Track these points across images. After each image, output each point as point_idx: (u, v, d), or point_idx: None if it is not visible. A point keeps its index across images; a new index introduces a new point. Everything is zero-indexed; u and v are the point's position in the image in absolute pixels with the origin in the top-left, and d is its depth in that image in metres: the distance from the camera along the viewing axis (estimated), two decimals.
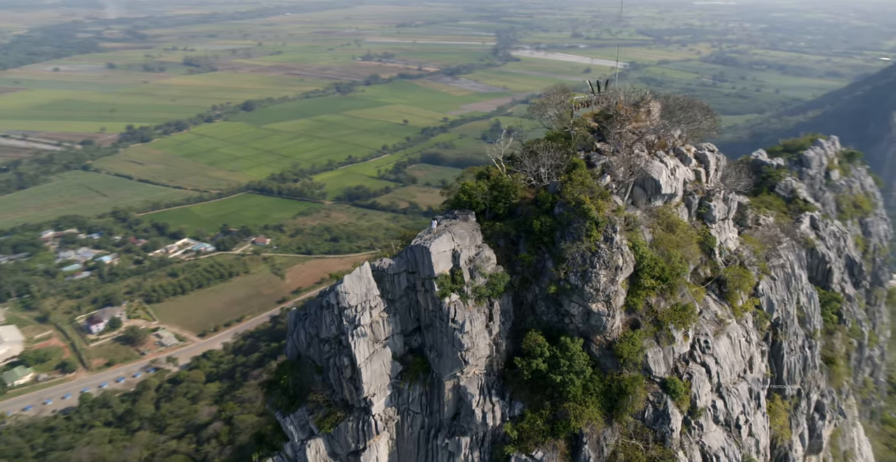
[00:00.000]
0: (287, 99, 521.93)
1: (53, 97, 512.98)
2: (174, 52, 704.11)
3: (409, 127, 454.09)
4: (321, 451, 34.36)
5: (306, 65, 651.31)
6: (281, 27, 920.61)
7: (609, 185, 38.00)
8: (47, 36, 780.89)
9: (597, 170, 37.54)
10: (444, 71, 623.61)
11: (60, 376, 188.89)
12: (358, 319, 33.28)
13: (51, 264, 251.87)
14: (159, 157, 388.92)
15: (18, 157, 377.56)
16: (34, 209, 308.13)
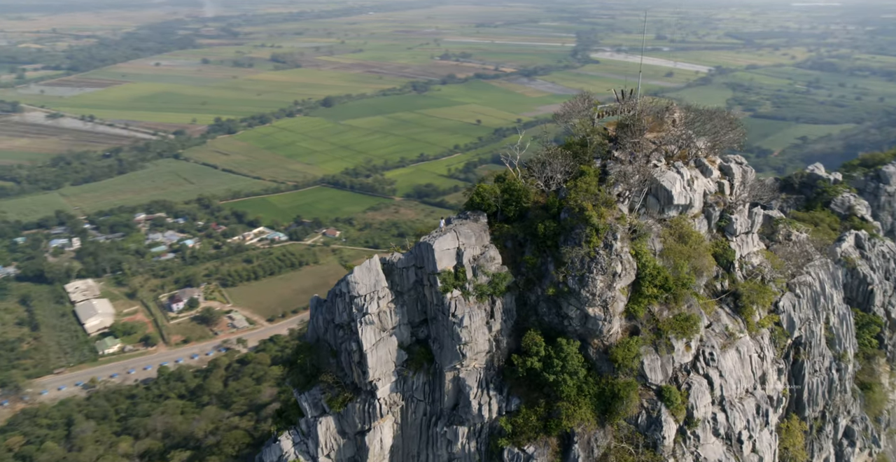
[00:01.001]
0: (365, 96, 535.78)
1: (153, 90, 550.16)
2: (263, 48, 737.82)
3: (481, 127, 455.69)
4: (331, 428, 37.06)
5: (385, 63, 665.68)
6: (363, 26, 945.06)
7: (622, 193, 38.35)
8: (152, 33, 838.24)
9: (611, 178, 37.89)
10: (520, 72, 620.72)
11: (143, 349, 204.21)
12: (366, 308, 35.71)
13: (141, 245, 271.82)
14: (242, 148, 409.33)
15: (120, 144, 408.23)
16: (131, 193, 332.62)
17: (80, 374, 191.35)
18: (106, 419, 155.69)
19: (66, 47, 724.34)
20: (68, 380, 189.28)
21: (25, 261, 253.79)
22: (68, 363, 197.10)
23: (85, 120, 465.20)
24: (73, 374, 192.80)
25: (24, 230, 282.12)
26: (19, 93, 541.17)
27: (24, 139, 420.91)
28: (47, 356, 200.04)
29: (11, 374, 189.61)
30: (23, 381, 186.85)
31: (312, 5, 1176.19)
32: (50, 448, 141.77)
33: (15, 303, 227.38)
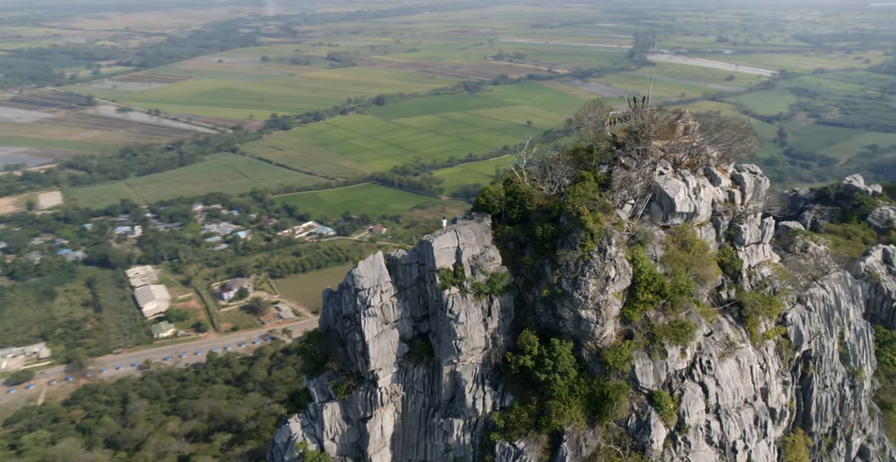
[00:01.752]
0: (417, 95, 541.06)
1: (215, 86, 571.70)
2: (320, 47, 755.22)
3: (531, 128, 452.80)
4: (336, 413, 39.25)
5: (439, 62, 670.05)
6: (419, 25, 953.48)
7: (626, 199, 38.71)
8: (216, 31, 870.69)
9: (615, 184, 38.26)
10: (574, 73, 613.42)
11: (195, 334, 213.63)
12: (369, 301, 37.73)
13: (197, 235, 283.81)
14: (296, 144, 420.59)
15: (182, 138, 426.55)
16: (190, 185, 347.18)
17: (136, 355, 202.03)
18: (157, 399, 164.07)
19: (137, 45, 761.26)
20: (125, 360, 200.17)
21: (92, 246, 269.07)
22: (126, 344, 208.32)
23: (151, 114, 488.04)
24: (130, 354, 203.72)
25: (92, 217, 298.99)
26: (94, 87, 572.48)
27: (97, 131, 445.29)
28: (108, 337, 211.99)
29: (76, 351, 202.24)
30: (86, 358, 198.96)
31: (369, 5, 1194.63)
32: (107, 422, 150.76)
33: (82, 285, 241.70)
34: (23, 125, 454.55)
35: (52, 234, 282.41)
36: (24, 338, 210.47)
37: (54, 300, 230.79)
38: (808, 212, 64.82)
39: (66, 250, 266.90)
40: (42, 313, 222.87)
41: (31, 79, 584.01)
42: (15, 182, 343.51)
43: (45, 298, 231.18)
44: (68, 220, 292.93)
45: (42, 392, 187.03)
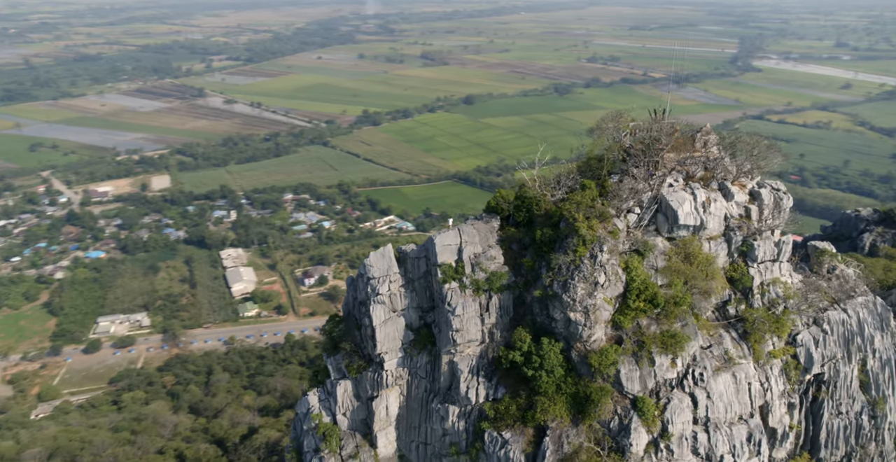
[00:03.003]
0: (506, 96, 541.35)
1: (313, 81, 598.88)
2: (414, 45, 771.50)
3: None
4: (348, 390, 42.57)
5: (530, 63, 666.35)
6: (513, 25, 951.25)
7: (632, 209, 39.16)
8: (318, 29, 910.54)
9: (622, 193, 38.78)
10: (670, 78, 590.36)
11: (276, 316, 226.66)
12: (378, 289, 40.73)
13: (285, 222, 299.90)
14: (384, 140, 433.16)
15: (279, 129, 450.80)
16: (283, 174, 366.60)
17: (222, 331, 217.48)
18: (237, 373, 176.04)
19: (246, 41, 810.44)
20: (213, 334, 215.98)
21: (192, 227, 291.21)
22: (215, 320, 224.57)
23: (253, 106, 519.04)
24: (218, 330, 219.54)
25: (194, 200, 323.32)
26: (206, 80, 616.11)
27: (204, 121, 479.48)
28: (200, 312, 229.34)
29: (172, 322, 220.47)
30: (179, 330, 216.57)
31: (466, 4, 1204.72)
32: (192, 390, 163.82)
33: (181, 262, 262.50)
34: (144, 114, 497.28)
35: (159, 214, 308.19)
36: (129, 306, 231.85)
37: (157, 274, 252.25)
38: (868, 234, 60.99)
39: (170, 230, 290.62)
40: (146, 285, 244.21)
41: (153, 71, 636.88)
42: (133, 165, 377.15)
43: (149, 272, 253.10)
44: (174, 202, 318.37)
45: (141, 357, 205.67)
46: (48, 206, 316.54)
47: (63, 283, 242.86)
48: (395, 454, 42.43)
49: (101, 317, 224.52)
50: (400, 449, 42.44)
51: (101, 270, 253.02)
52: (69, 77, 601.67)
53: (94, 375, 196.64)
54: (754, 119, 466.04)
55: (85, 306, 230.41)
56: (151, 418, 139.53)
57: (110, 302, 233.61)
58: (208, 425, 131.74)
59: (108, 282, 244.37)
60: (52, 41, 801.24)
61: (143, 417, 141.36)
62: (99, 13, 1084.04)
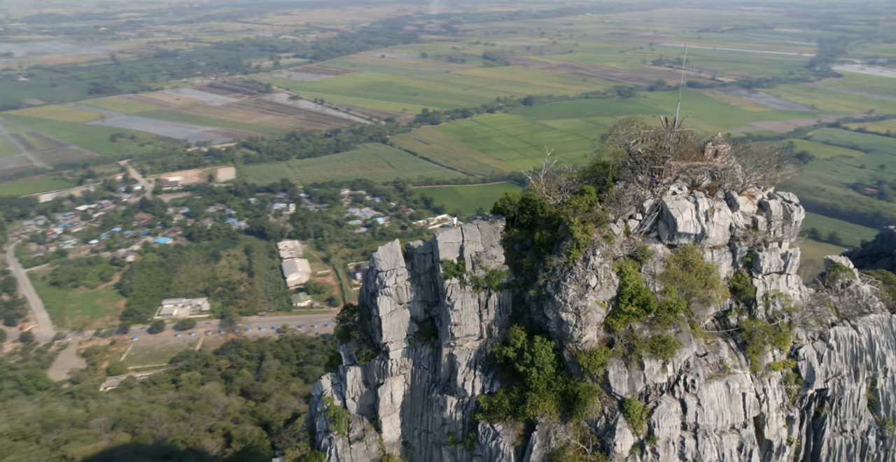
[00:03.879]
0: (566, 98, 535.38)
1: (375, 79, 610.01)
2: (477, 45, 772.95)
3: None
4: (357, 376, 44.84)
5: (593, 65, 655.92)
6: (578, 26, 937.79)
7: (633, 215, 39.68)
8: (383, 28, 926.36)
9: (624, 199, 39.26)
10: (740, 82, 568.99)
11: (327, 308, 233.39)
12: (385, 281, 42.84)
13: (341, 217, 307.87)
14: (442, 139, 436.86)
15: (340, 126, 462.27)
16: (341, 170, 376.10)
17: (276, 319, 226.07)
18: (288, 361, 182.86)
19: (313, 39, 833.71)
20: (267, 322, 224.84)
21: (253, 218, 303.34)
22: (269, 308, 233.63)
23: (317, 103, 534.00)
24: (271, 318, 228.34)
25: (256, 192, 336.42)
26: (273, 76, 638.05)
27: (270, 116, 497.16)
28: (255, 300, 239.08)
29: (230, 309, 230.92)
30: (236, 316, 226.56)
31: (531, 5, 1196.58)
32: (244, 374, 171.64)
33: (241, 251, 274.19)
34: (214, 108, 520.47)
35: (223, 204, 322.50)
36: (191, 291, 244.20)
37: (218, 262, 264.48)
38: None
39: (233, 220, 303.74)
40: (207, 272, 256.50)
41: (225, 67, 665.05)
42: (202, 157, 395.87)
43: (211, 260, 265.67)
44: (237, 194, 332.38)
45: (200, 340, 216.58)
46: (124, 193, 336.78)
47: (133, 266, 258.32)
48: (400, 440, 44.49)
49: (166, 299, 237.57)
50: (404, 435, 44.47)
51: (168, 256, 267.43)
52: (149, 72, 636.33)
53: (156, 354, 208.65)
54: (830, 127, 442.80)
55: (152, 289, 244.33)
56: (205, 398, 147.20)
57: (174, 286, 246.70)
58: (256, 408, 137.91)
59: (174, 267, 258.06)
60: (137, 38, 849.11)
61: (198, 397, 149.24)
62: (179, 11, 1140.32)
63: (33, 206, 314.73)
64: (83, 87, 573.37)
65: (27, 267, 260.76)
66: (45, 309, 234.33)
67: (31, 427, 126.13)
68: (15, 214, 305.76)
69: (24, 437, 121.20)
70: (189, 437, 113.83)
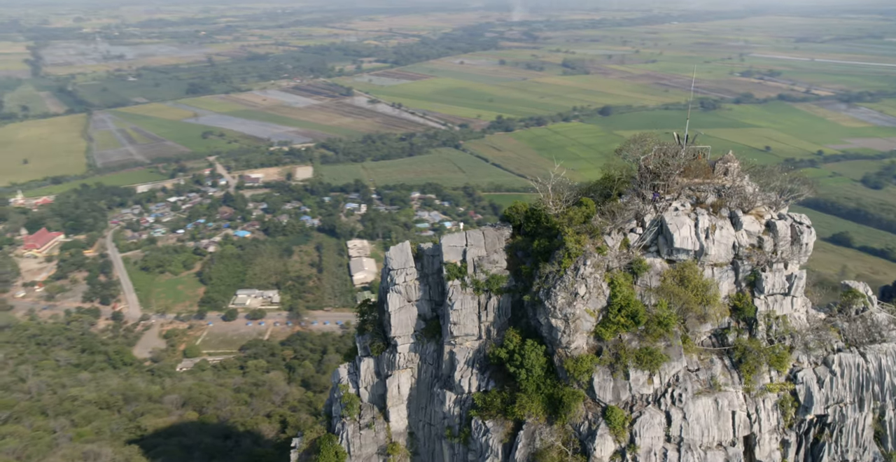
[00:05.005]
0: (645, 108, 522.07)
1: (452, 85, 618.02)
2: (557, 53, 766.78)
3: (769, 155, 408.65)
4: (370, 367, 47.77)
5: (676, 75, 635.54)
6: (663, 35, 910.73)
7: (634, 229, 40.12)
8: (463, 34, 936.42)
9: (623, 212, 39.73)
10: (838, 96, 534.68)
11: None
12: (395, 279, 45.66)
13: (410, 219, 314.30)
14: (514, 146, 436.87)
15: (415, 130, 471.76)
16: (413, 173, 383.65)
17: (340, 315, 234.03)
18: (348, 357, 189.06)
19: (395, 44, 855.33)
20: (332, 317, 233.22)
21: (326, 216, 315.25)
22: (335, 304, 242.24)
23: (394, 107, 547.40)
24: (336, 313, 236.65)
25: (330, 191, 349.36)
26: (354, 80, 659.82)
27: (349, 118, 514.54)
28: (323, 295, 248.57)
29: (298, 302, 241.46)
30: (303, 310, 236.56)
31: (615, 13, 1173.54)
32: (306, 366, 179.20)
33: (312, 248, 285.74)
34: (297, 109, 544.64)
35: (299, 201, 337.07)
36: (264, 283, 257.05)
37: (290, 257, 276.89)
38: None
39: (307, 217, 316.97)
40: (280, 266, 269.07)
41: (310, 70, 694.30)
42: (282, 156, 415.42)
43: (284, 254, 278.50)
44: (313, 192, 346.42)
45: (268, 330, 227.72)
46: (210, 187, 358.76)
47: (214, 256, 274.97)
48: (406, 430, 46.80)
49: (240, 290, 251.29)
50: (410, 426, 46.74)
51: (245, 248, 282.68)
52: (240, 74, 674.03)
53: (228, 341, 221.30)
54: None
55: (228, 279, 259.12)
56: (268, 385, 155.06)
57: (249, 277, 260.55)
58: (314, 399, 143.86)
59: (250, 259, 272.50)
60: (232, 42, 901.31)
61: (261, 384, 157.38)
62: (272, 17, 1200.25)
63: (131, 195, 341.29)
64: (182, 86, 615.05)
65: (122, 251, 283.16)
66: (134, 291, 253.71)
67: (115, 398, 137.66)
68: (115, 203, 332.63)
69: (108, 407, 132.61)
70: (248, 421, 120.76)
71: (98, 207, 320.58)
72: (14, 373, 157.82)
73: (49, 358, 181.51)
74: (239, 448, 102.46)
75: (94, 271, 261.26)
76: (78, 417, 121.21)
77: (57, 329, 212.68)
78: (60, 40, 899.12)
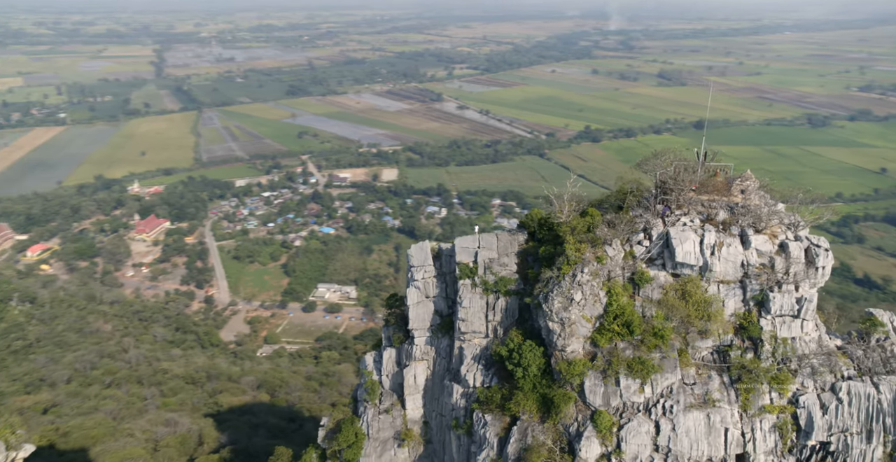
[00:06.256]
0: (745, 123, 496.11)
1: (542, 93, 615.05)
2: (653, 63, 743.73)
3: (885, 177, 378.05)
4: (392, 357, 50.73)
5: (782, 89, 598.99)
6: (772, 46, 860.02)
7: (642, 241, 40.59)
8: (557, 43, 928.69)
9: (631, 225, 40.54)
10: None
11: None
12: (414, 275, 48.34)
13: (489, 225, 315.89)
14: (600, 157, 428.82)
15: (500, 137, 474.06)
16: (495, 180, 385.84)
17: None
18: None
19: (487, 51, 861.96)
20: None
21: (407, 218, 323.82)
22: None
23: (482, 113, 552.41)
24: None
25: (413, 194, 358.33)
26: (445, 86, 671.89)
27: (436, 123, 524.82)
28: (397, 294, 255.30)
29: (373, 299, 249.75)
30: (378, 307, 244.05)
31: (720, 22, 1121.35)
32: None
33: (391, 248, 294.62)
34: (388, 113, 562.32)
35: (382, 202, 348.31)
36: (343, 279, 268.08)
37: (370, 255, 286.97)
38: None
39: (388, 218, 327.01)
40: (359, 263, 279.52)
41: (403, 76, 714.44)
42: (370, 157, 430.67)
43: (364, 252, 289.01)
44: (396, 194, 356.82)
45: (344, 324, 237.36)
46: (301, 184, 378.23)
47: (299, 250, 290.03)
48: (421, 419, 49.33)
49: (321, 283, 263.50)
50: (425, 415, 49.21)
51: (328, 244, 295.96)
52: (337, 77, 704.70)
53: (306, 331, 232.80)
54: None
55: (310, 272, 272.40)
56: (337, 376, 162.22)
57: (329, 272, 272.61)
58: None
59: (331, 255, 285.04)
60: (332, 47, 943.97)
61: (331, 374, 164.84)
62: (371, 23, 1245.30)
63: (230, 189, 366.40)
64: (283, 88, 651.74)
65: (218, 240, 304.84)
66: (226, 278, 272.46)
67: (199, 374, 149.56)
68: (216, 195, 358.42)
69: (192, 382, 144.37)
70: (314, 407, 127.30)
71: (200, 198, 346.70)
72: (119, 344, 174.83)
73: (148, 333, 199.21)
74: (301, 431, 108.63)
75: (192, 257, 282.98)
76: (166, 389, 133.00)
77: (157, 307, 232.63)
78: (181, 44, 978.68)
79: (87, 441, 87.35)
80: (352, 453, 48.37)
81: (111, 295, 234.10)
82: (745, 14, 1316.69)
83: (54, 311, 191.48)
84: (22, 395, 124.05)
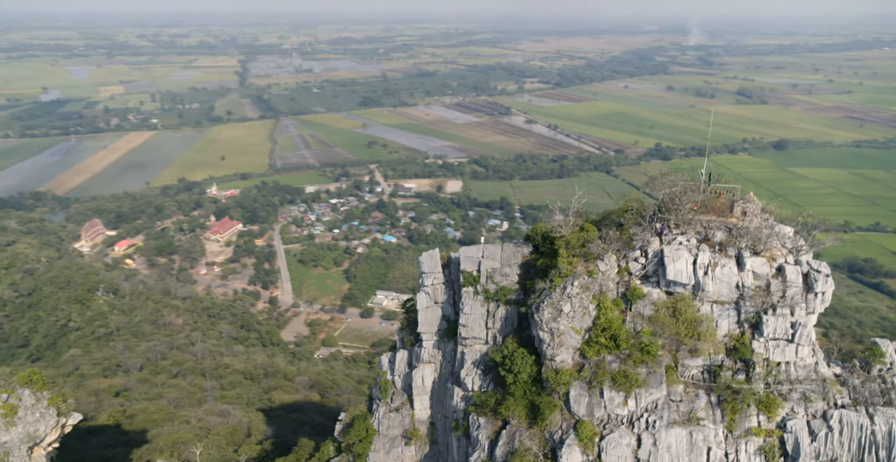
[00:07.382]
0: (830, 144, 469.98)
1: (613, 109, 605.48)
2: (732, 80, 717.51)
3: None
4: (404, 358, 52.91)
5: (876, 109, 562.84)
6: (867, 63, 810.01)
7: (638, 258, 40.78)
8: (632, 58, 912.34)
9: (635, 243, 40.53)
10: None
11: None
12: (424, 282, 50.64)
13: None
14: None
15: (567, 153, 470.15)
16: (559, 195, 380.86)
17: None
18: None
19: (560, 66, 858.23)
20: None
21: (468, 230, 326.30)
22: None
23: (550, 128, 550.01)
24: None
25: (476, 206, 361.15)
26: (514, 100, 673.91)
27: (503, 137, 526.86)
28: None
29: None
30: None
31: (809, 38, 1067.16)
32: None
33: None
34: (456, 125, 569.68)
35: (445, 213, 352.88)
36: (401, 287, 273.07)
37: None
38: None
39: (449, 229, 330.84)
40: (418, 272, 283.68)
41: (473, 89, 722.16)
42: (435, 168, 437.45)
43: None
44: (459, 206, 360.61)
45: None
46: (367, 193, 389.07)
47: (361, 256, 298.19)
48: (428, 419, 51.23)
49: (380, 290, 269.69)
50: (432, 416, 51.11)
51: (389, 252, 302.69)
52: (409, 89, 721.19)
53: (362, 336, 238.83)
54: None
55: (371, 279, 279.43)
56: None
57: (389, 280, 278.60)
58: None
59: (392, 263, 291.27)
60: (406, 59, 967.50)
61: None
62: (446, 36, 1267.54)
63: (300, 194, 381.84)
64: (356, 99, 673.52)
65: (285, 244, 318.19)
66: (290, 280, 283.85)
67: (257, 371, 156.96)
68: (286, 200, 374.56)
69: (250, 378, 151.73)
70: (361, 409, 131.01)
71: (272, 203, 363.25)
72: (188, 337, 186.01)
73: (215, 329, 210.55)
74: None
75: (260, 259, 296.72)
76: (226, 382, 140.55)
77: (225, 305, 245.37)
78: (265, 55, 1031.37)
79: (148, 424, 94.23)
80: (362, 447, 51.37)
81: (184, 291, 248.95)
82: (839, 29, 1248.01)
83: (133, 303, 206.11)
84: (100, 377, 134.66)
